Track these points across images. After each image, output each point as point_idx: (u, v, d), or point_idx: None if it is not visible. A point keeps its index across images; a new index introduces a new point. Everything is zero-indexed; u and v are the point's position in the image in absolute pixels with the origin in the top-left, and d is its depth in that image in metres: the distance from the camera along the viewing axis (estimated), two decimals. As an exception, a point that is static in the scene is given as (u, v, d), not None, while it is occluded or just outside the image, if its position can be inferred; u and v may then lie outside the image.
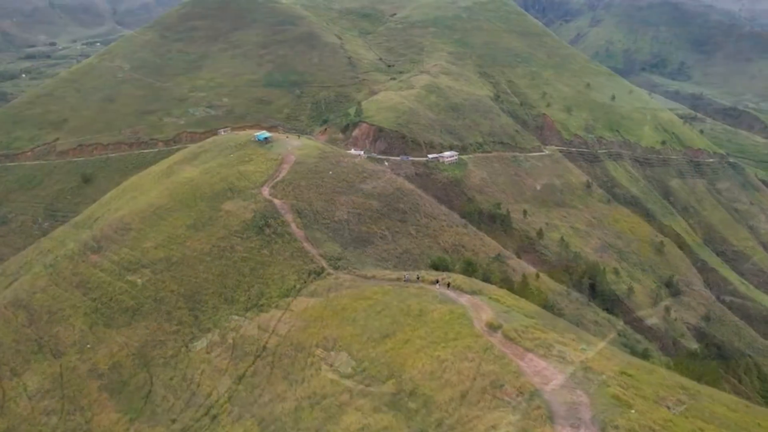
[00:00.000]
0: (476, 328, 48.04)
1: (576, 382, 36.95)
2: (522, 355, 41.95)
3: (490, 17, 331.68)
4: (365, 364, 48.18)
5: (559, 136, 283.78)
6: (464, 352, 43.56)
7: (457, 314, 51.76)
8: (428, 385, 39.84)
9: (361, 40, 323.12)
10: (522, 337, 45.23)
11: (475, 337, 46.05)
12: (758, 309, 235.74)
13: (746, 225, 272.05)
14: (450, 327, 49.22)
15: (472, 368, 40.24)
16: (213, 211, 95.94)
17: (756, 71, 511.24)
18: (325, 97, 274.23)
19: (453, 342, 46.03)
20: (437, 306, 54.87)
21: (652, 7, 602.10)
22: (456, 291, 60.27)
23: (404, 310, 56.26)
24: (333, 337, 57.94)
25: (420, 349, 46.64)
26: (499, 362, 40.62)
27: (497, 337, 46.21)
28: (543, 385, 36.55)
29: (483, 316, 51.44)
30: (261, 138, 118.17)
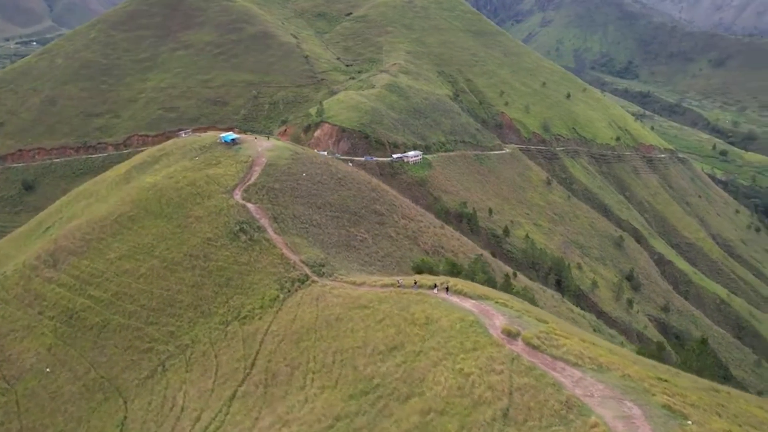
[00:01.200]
0: (494, 337, 45.08)
1: (620, 392, 34.45)
2: (552, 365, 39.23)
3: (446, 17, 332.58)
4: (377, 381, 44.42)
5: (518, 134, 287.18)
6: (489, 363, 40.47)
7: (469, 321, 48.70)
8: (460, 403, 36.48)
9: (318, 40, 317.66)
10: (546, 344, 42.59)
11: (496, 347, 43.06)
12: (711, 298, 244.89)
13: (697, 217, 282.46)
14: (465, 336, 46.09)
15: (504, 382, 37.18)
16: (182, 218, 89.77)
17: (697, 70, 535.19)
18: (283, 97, 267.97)
19: (473, 353, 42.90)
20: (444, 313, 51.67)
21: (599, 8, 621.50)
22: (459, 296, 57.30)
23: (408, 319, 52.80)
24: (332, 350, 53.85)
25: (437, 362, 43.28)
26: (531, 374, 37.72)
27: (519, 345, 43.41)
28: (587, 398, 33.84)
29: (496, 322, 48.59)
30: (228, 139, 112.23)
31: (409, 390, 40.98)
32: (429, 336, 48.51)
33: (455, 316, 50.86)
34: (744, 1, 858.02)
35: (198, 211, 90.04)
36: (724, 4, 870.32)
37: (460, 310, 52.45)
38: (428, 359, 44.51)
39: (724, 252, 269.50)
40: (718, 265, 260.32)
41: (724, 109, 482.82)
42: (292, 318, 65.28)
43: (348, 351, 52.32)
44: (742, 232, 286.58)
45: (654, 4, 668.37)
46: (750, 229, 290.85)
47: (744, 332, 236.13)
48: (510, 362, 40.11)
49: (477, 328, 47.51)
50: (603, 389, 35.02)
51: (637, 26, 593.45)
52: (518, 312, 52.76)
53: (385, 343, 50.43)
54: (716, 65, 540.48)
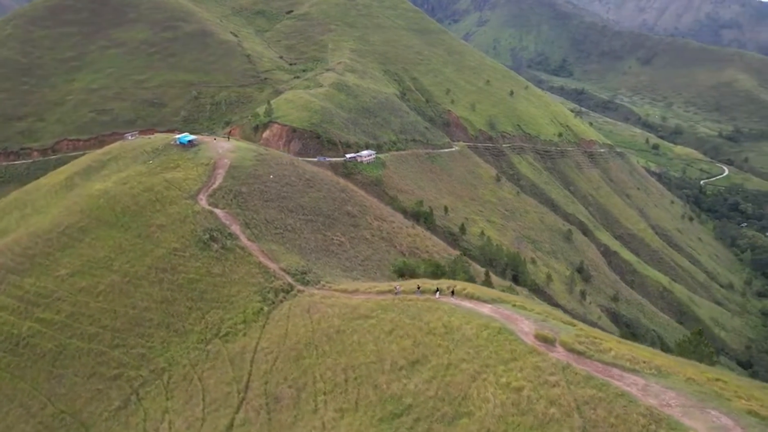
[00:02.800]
0: (529, 344, 41.69)
1: (697, 399, 31.77)
2: (607, 372, 36.21)
3: (389, 15, 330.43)
4: (408, 401, 39.96)
5: (465, 132, 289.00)
6: (538, 375, 36.97)
7: (495, 328, 45.09)
8: (522, 423, 32.69)
9: (259, 38, 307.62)
10: (591, 349, 39.60)
11: (537, 355, 39.65)
12: (655, 286, 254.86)
13: (637, 209, 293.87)
14: (497, 345, 42.44)
15: (566, 395, 33.75)
16: (142, 227, 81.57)
17: (626, 68, 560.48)
18: (225, 97, 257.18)
19: (513, 363, 39.29)
20: (464, 320, 47.84)
21: (533, 9, 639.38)
22: (472, 300, 53.70)
23: (424, 329, 48.60)
24: (340, 368, 48.83)
25: (475, 376, 39.34)
26: (591, 384, 34.50)
27: (560, 351, 40.21)
28: (666, 408, 30.92)
29: (524, 327, 45.27)
30: (184, 141, 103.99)
31: (454, 410, 36.79)
32: (454, 347, 44.50)
33: (477, 322, 47.13)
34: (664, 4, 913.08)
35: (160, 219, 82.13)
36: (647, 6, 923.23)
37: (480, 316, 48.78)
38: (462, 373, 40.50)
39: (663, 241, 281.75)
40: (659, 254, 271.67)
41: (653, 105, 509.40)
42: (282, 333, 59.59)
43: (360, 367, 47.51)
44: (677, 221, 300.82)
45: (584, 4, 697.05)
46: (684, 218, 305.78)
47: (685, 317, 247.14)
48: (561, 372, 36.76)
49: (507, 335, 43.96)
50: (676, 397, 32.22)
51: (570, 26, 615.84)
52: (539, 314, 49.75)
53: (404, 356, 46.00)
54: (644, 63, 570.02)
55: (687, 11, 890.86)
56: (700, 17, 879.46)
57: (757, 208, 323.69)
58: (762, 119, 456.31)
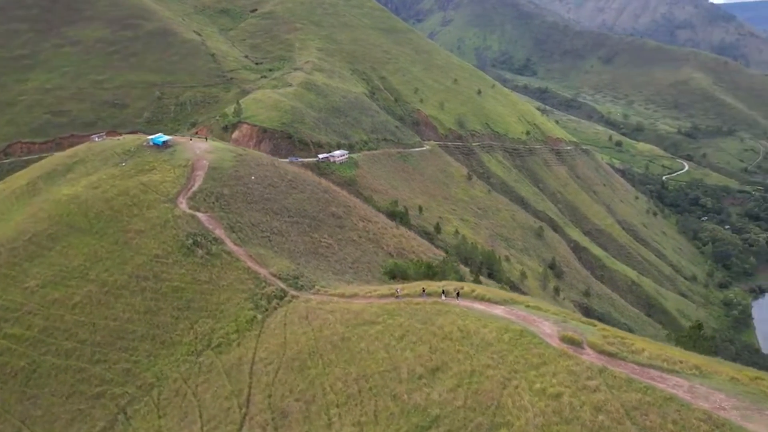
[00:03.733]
0: (556, 347, 39.92)
1: (750, 401, 30.48)
2: (646, 374, 34.67)
3: (355, 14, 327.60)
4: (435, 412, 37.56)
5: (434, 130, 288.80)
6: (575, 379, 35.15)
7: (516, 331, 43.18)
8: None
9: (223, 37, 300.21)
10: (623, 350, 38.06)
11: (568, 358, 37.88)
12: (624, 280, 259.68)
13: (604, 205, 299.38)
14: (522, 349, 40.50)
15: (611, 401, 31.98)
16: (118, 233, 76.76)
17: (588, 67, 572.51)
18: (190, 98, 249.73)
19: (544, 368, 37.41)
20: (480, 324, 45.77)
21: (496, 8, 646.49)
22: (483, 302, 51.72)
23: (439, 334, 46.32)
24: (351, 378, 46.05)
25: (505, 383, 37.27)
26: (633, 387, 32.88)
27: (591, 354, 38.54)
28: (722, 411, 29.48)
29: (546, 329, 43.50)
30: (158, 142, 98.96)
31: (489, 420, 34.58)
32: (475, 352, 42.34)
33: (495, 325, 45.14)
34: (622, 4, 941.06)
35: (138, 225, 77.46)
36: (605, 7, 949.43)
37: (495, 319, 46.81)
38: (490, 380, 38.36)
39: (630, 236, 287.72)
40: (627, 249, 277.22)
41: (615, 103, 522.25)
42: (281, 342, 56.36)
43: (374, 377, 44.85)
44: (642, 216, 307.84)
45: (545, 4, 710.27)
46: (648, 213, 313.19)
47: (653, 310, 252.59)
48: (600, 375, 35.02)
49: (530, 338, 42.09)
50: (727, 399, 30.85)
51: (533, 25, 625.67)
52: (556, 315, 48.16)
53: (422, 364, 43.58)
54: (605, 62, 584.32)
55: (644, 12, 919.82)
56: (657, 18, 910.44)
57: (716, 202, 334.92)
58: (717, 116, 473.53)
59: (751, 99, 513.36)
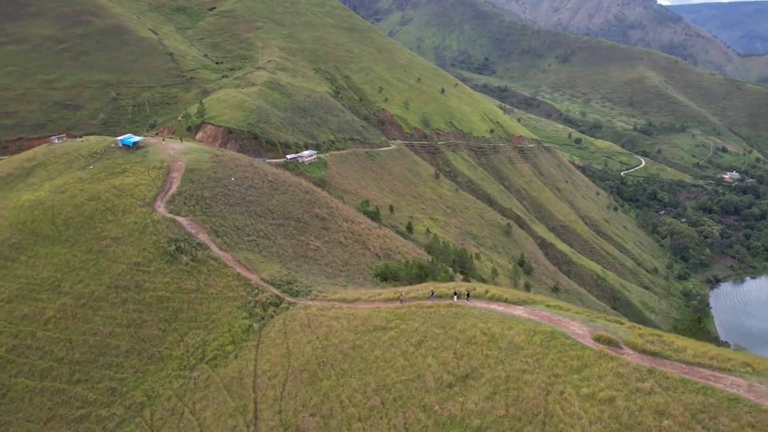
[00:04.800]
0: (594, 348, 38.12)
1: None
2: (698, 373, 33.15)
3: (316, 12, 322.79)
4: (476, 423, 35.07)
5: (400, 129, 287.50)
6: (624, 382, 33.33)
7: (545, 333, 41.19)
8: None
9: (180, 36, 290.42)
10: (664, 348, 36.56)
11: (610, 360, 36.07)
12: (589, 274, 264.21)
13: (567, 201, 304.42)
14: (558, 351, 38.49)
15: (672, 404, 30.22)
16: (92, 241, 71.27)
17: (546, 66, 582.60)
18: (148, 98, 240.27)
19: (587, 371, 35.49)
20: (504, 326, 43.58)
21: (455, 8, 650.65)
22: (501, 303, 49.64)
23: (461, 338, 43.88)
24: (371, 389, 43.04)
25: (547, 388, 35.15)
26: (690, 388, 31.25)
27: (632, 354, 36.85)
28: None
29: (576, 330, 41.70)
30: (128, 143, 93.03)
31: (539, 429, 32.32)
32: (505, 356, 40.11)
33: (521, 327, 43.04)
34: (576, 5, 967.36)
35: (113, 231, 72.15)
36: (561, 7, 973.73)
37: (520, 320, 44.74)
38: (529, 386, 36.18)
39: (593, 231, 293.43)
40: (590, 244, 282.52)
41: (573, 101, 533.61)
42: (284, 352, 52.83)
43: (396, 387, 42.05)
44: (603, 212, 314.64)
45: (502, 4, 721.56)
46: (609, 209, 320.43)
47: (618, 302, 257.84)
48: (650, 377, 33.30)
49: (562, 339, 40.14)
50: (792, 397, 29.56)
51: (491, 25, 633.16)
52: (578, 314, 46.53)
53: (448, 371, 41.05)
54: (562, 61, 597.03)
55: (597, 12, 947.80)
56: (609, 18, 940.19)
57: (673, 196, 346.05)
58: (670, 113, 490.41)
59: (700, 97, 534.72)
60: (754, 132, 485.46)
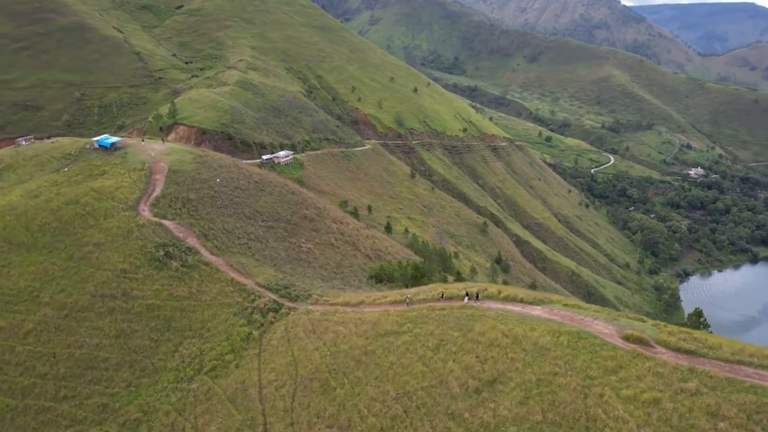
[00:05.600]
0: (626, 348, 36.92)
1: None
2: (741, 371, 32.16)
3: (287, 11, 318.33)
4: (513, 431, 33.44)
5: (374, 129, 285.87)
6: (666, 382, 32.14)
7: (571, 333, 39.83)
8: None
9: (147, 35, 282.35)
10: (699, 346, 35.59)
11: (646, 359, 34.88)
12: (564, 271, 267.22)
13: (540, 199, 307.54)
14: (588, 352, 37.15)
15: (724, 405, 29.11)
16: (72, 247, 67.14)
17: (515, 65, 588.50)
18: (115, 99, 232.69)
19: (623, 372, 34.21)
20: (526, 327, 42.09)
21: (424, 8, 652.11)
22: (517, 303, 48.18)
23: (482, 341, 42.16)
24: (390, 396, 40.89)
25: (584, 391, 33.70)
26: (738, 388, 30.23)
27: (666, 352, 35.73)
28: None
29: (602, 329, 40.50)
30: (105, 144, 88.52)
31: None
32: (532, 359, 38.57)
33: (544, 328, 41.60)
34: (543, 5, 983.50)
35: (95, 237, 68.15)
36: (527, 7, 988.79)
37: (541, 321, 43.32)
38: (564, 389, 34.68)
39: (566, 228, 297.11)
40: (564, 241, 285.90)
41: (542, 99, 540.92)
42: (289, 360, 50.25)
43: (418, 394, 40.05)
44: (576, 209, 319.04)
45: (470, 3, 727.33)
46: (581, 205, 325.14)
47: (593, 298, 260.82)
48: (693, 377, 32.18)
49: (590, 339, 38.85)
50: None
51: (460, 25, 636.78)
52: (598, 312, 45.45)
53: (473, 375, 39.28)
54: (531, 60, 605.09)
55: (563, 12, 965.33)
56: (575, 18, 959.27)
57: (641, 192, 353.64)
58: (637, 111, 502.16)
59: (664, 95, 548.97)
60: (716, 129, 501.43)
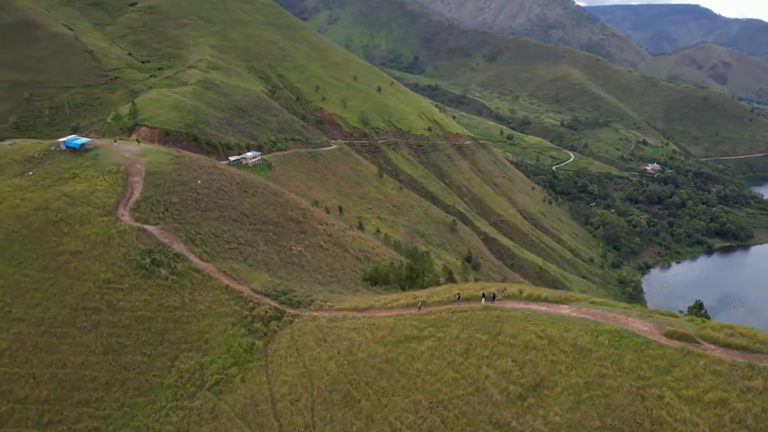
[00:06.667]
0: (672, 345, 35.47)
1: None
2: (803, 368, 31.23)
3: (246, 9, 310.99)
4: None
5: (339, 129, 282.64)
6: (728, 381, 30.77)
7: (612, 332, 38.12)
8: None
9: (99, 33, 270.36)
10: (749, 341, 34.46)
11: (698, 357, 33.46)
12: (532, 267, 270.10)
13: (506, 197, 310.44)
14: (634, 351, 35.48)
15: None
16: (47, 257, 61.66)
17: (474, 64, 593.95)
18: (68, 99, 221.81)
19: (678, 371, 32.63)
20: (561, 328, 40.23)
21: (382, 7, 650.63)
22: (541, 303, 46.35)
23: (516, 344, 40.03)
24: (423, 407, 38.20)
25: (641, 393, 31.97)
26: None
27: (717, 349, 34.40)
28: None
29: (641, 327, 39.00)
30: (74, 145, 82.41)
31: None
32: (574, 361, 36.69)
33: (580, 328, 39.82)
34: (500, 5, 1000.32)
35: (71, 245, 62.85)
36: (485, 7, 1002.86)
37: (574, 321, 41.53)
38: (617, 391, 32.88)
39: (532, 225, 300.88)
40: (530, 238, 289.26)
41: (501, 98, 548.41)
42: (301, 371, 46.94)
43: (454, 402, 37.58)
44: (539, 205, 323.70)
45: (428, 3, 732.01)
46: (545, 202, 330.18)
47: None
48: (756, 374, 30.89)
49: (633, 338, 37.26)
50: None
51: (419, 24, 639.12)
52: (627, 309, 44.14)
53: (513, 381, 37.09)
54: (489, 60, 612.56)
55: (520, 12, 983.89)
56: (531, 18, 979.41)
57: (602, 188, 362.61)
58: (594, 109, 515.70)
59: (620, 93, 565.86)
60: (669, 126, 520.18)
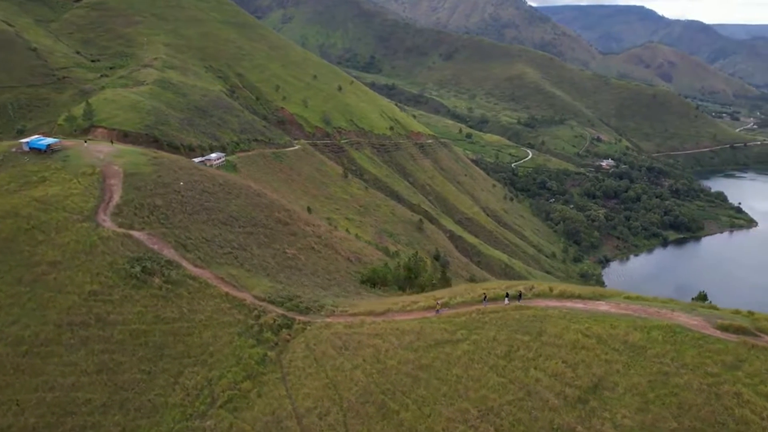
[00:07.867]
0: (732, 340, 34.36)
1: None
2: None
3: (202, 7, 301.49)
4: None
5: (301, 129, 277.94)
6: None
7: (664, 328, 36.74)
8: None
9: (43, 30, 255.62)
10: (811, 333, 33.83)
11: (765, 351, 32.44)
12: (498, 264, 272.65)
13: (469, 194, 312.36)
14: (693, 347, 34.18)
15: None
16: (21, 269, 55.79)
17: (431, 63, 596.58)
18: (11, 100, 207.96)
19: (748, 366, 31.41)
20: (607, 325, 38.67)
21: (337, 6, 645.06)
22: (575, 300, 44.70)
23: (563, 344, 38.12)
24: (473, 415, 35.73)
25: (713, 391, 30.54)
26: None
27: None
28: None
29: (689, 321, 37.86)
30: (40, 146, 75.77)
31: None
32: (631, 360, 35.09)
33: (627, 325, 38.35)
34: (453, 4, 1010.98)
35: (48, 254, 57.19)
36: (439, 6, 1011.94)
37: (617, 317, 40.04)
38: (686, 390, 31.41)
39: (495, 222, 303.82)
40: (494, 235, 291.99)
41: (459, 97, 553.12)
42: (325, 383, 43.64)
43: (506, 409, 35.28)
44: (501, 203, 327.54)
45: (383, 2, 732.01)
46: (506, 199, 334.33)
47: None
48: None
49: (687, 333, 36.06)
50: None
51: (374, 23, 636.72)
52: (665, 303, 42.99)
53: (568, 383, 35.13)
54: (446, 59, 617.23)
55: (473, 12, 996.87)
56: (485, 17, 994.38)
57: (560, 184, 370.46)
58: (549, 107, 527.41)
59: (573, 91, 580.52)
60: (621, 123, 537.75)
